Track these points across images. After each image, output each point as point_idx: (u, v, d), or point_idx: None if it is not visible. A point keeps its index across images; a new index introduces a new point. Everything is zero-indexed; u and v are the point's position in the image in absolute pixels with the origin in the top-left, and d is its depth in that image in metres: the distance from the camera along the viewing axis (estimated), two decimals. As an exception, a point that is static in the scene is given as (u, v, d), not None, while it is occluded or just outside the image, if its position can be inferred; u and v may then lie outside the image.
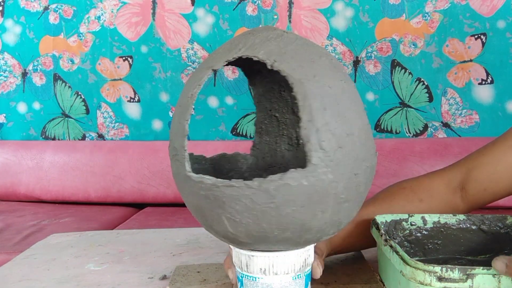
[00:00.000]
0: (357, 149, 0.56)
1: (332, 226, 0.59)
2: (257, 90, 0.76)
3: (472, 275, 0.58)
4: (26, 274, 0.89)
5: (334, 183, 0.55)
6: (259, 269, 0.61)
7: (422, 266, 0.59)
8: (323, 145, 0.54)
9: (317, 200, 0.55)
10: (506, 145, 0.83)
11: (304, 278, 0.64)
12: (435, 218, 0.80)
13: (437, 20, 2.30)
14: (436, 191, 0.87)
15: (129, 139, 2.58)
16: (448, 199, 0.86)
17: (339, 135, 0.55)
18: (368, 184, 0.60)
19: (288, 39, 0.59)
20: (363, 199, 0.61)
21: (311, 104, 0.54)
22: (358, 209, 0.61)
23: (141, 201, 2.40)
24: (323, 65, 0.57)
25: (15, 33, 2.60)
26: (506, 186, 0.83)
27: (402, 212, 0.81)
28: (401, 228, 0.80)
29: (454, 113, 2.33)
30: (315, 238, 0.60)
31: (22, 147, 2.53)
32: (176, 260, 0.93)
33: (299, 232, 0.57)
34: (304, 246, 0.61)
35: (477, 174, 0.84)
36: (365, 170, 0.58)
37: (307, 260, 0.63)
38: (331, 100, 0.55)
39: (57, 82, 2.60)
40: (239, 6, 2.44)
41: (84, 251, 1.01)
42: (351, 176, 0.56)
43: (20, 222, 2.10)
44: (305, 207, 0.55)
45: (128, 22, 2.52)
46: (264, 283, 0.62)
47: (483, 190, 0.84)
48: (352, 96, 0.58)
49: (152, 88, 2.53)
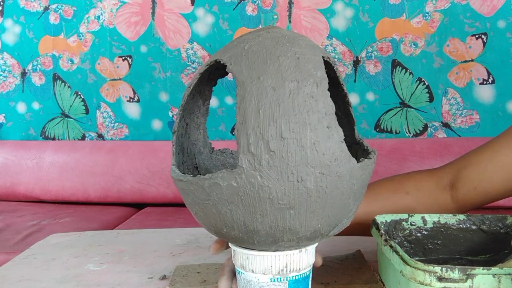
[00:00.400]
0: (300, 154, 0.53)
1: (285, 233, 0.57)
2: None
3: (472, 275, 0.58)
4: (25, 274, 0.88)
5: (266, 187, 0.53)
6: (240, 264, 0.63)
7: (422, 266, 0.59)
8: (251, 148, 0.53)
9: (250, 202, 0.54)
10: (498, 145, 0.83)
11: (288, 283, 0.62)
12: (435, 218, 0.79)
13: (438, 20, 2.30)
14: (425, 187, 0.86)
15: (129, 139, 2.57)
16: (437, 196, 0.85)
17: (272, 139, 0.53)
18: (337, 193, 0.56)
19: (260, 39, 0.58)
20: (331, 209, 0.56)
21: (246, 106, 0.54)
22: (328, 219, 0.57)
23: (141, 201, 2.40)
24: (278, 66, 0.55)
25: (14, 33, 2.60)
26: (498, 185, 0.82)
27: (388, 203, 0.81)
28: (401, 228, 0.79)
29: (455, 113, 2.33)
30: (272, 244, 0.58)
31: (22, 147, 2.53)
32: (176, 260, 0.93)
33: (247, 233, 0.57)
34: (279, 250, 0.60)
35: (467, 172, 0.84)
36: (319, 177, 0.54)
37: (291, 266, 0.61)
38: (271, 102, 0.54)
39: (57, 82, 2.60)
40: (239, 6, 2.44)
41: (84, 251, 1.01)
42: (293, 182, 0.54)
43: (19, 222, 2.10)
44: (240, 208, 0.55)
45: (128, 21, 2.51)
46: (245, 279, 0.63)
47: (473, 189, 0.83)
48: (307, 98, 0.54)
49: (151, 88, 2.53)
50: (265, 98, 0.54)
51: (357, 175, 0.57)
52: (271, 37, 0.58)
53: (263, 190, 0.54)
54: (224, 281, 0.68)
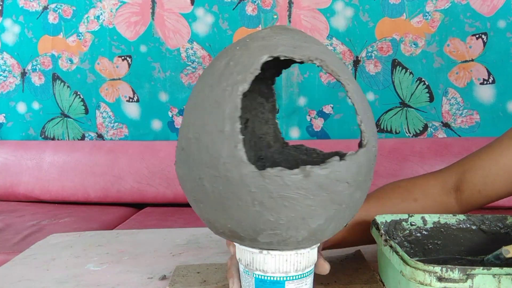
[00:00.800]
0: (200, 153, 0.55)
1: (211, 227, 0.62)
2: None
3: (472, 275, 0.58)
4: (25, 274, 0.88)
5: (182, 180, 0.60)
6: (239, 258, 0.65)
7: (422, 266, 0.59)
8: (177, 144, 0.60)
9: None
10: (501, 148, 0.83)
11: (254, 280, 0.62)
12: (435, 218, 0.79)
13: (438, 20, 2.30)
14: (431, 192, 0.87)
15: (129, 139, 2.57)
16: (442, 200, 0.86)
17: (185, 137, 0.58)
18: (234, 198, 0.55)
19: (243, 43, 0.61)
20: (235, 212, 0.56)
21: (189, 103, 0.60)
22: (238, 223, 0.57)
23: (141, 201, 2.40)
24: (213, 69, 0.59)
25: (14, 32, 2.60)
26: (501, 188, 0.82)
27: (396, 211, 0.81)
28: (401, 228, 0.79)
29: (455, 113, 2.32)
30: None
31: (22, 147, 2.53)
32: (176, 260, 0.93)
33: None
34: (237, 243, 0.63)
35: (471, 176, 0.84)
36: (213, 178, 0.55)
37: (255, 265, 0.62)
38: (194, 103, 0.58)
39: (56, 82, 2.60)
40: (239, 6, 2.43)
41: (84, 251, 1.00)
42: (196, 180, 0.57)
43: (19, 222, 2.10)
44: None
45: (127, 21, 2.51)
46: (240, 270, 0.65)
47: (477, 192, 0.84)
48: (212, 102, 0.55)
49: (151, 88, 2.52)
50: (197, 97, 0.59)
51: (256, 182, 0.53)
52: (250, 38, 0.61)
53: (182, 182, 0.61)
54: (236, 282, 0.68)
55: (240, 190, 0.54)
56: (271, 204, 0.54)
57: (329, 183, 0.54)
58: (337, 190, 0.55)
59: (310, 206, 0.54)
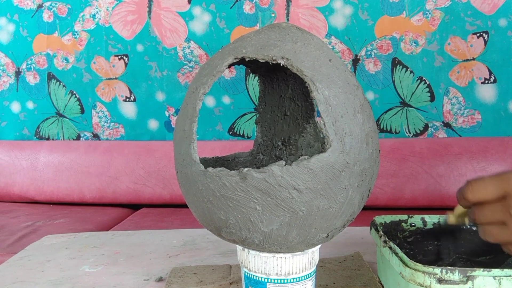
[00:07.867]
0: (176, 147, 0.63)
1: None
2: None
3: (473, 277, 0.58)
4: (20, 276, 0.88)
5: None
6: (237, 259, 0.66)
7: (421, 268, 0.59)
8: None
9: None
10: None
11: (244, 274, 0.64)
12: (435, 220, 0.80)
13: (438, 18, 2.28)
14: None
15: (125, 139, 2.55)
16: None
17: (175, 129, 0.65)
18: (192, 193, 0.60)
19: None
20: (198, 208, 0.61)
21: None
22: (205, 218, 0.61)
23: (137, 202, 2.39)
24: (201, 68, 0.63)
25: (8, 31, 2.58)
26: None
27: None
28: (401, 230, 0.80)
29: (456, 113, 2.31)
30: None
31: (16, 147, 2.51)
32: (172, 262, 0.94)
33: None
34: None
35: None
36: (179, 173, 0.62)
37: (243, 262, 0.63)
38: (185, 98, 0.64)
39: (51, 81, 2.58)
40: (236, 4, 2.42)
41: (79, 252, 1.01)
42: (176, 173, 0.65)
43: (14, 223, 2.09)
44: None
45: (124, 20, 2.49)
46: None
47: None
48: (188, 102, 0.61)
49: (148, 87, 2.51)
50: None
51: (202, 180, 0.57)
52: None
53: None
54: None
55: (194, 186, 0.58)
56: (217, 203, 0.57)
57: (269, 187, 0.54)
58: (283, 196, 0.54)
59: (255, 209, 0.55)
